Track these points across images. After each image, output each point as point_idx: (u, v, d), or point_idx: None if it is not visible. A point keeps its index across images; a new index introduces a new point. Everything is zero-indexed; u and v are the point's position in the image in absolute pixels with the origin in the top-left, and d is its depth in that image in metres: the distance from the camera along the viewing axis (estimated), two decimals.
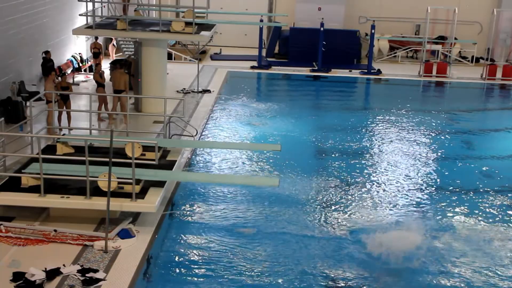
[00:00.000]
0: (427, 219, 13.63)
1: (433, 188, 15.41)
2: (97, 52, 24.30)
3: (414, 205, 14.36)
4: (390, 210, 14.06)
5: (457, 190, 15.29)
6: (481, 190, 15.36)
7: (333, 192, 14.83)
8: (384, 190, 15.16)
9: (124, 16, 19.32)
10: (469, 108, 23.99)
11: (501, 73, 27.53)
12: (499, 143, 19.67)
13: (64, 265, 10.49)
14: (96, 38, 24.52)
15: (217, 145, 17.45)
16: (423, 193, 15.09)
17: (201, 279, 10.94)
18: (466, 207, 14.28)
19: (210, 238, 12.32)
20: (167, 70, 20.59)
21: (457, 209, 14.16)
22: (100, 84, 18.90)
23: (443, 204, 14.45)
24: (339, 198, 14.53)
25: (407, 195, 14.96)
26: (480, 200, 14.75)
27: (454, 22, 28.10)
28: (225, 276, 11.00)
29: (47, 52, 20.50)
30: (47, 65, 20.16)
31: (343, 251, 12.04)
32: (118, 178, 11.61)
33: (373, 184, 15.53)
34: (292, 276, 11.11)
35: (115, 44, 26.51)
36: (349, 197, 14.62)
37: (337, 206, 14.06)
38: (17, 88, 18.46)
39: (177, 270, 11.20)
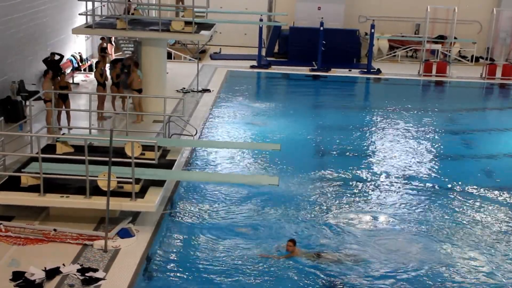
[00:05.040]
0: (427, 218, 13.63)
1: (433, 187, 15.41)
2: (104, 48, 24.16)
3: (414, 205, 14.35)
4: (390, 209, 14.05)
5: (457, 189, 15.28)
6: (481, 189, 15.32)
7: (332, 192, 14.83)
8: (383, 190, 15.16)
9: (123, 16, 19.32)
10: (468, 107, 23.99)
11: (501, 72, 27.54)
12: (499, 142, 19.68)
13: (63, 264, 10.50)
14: (103, 38, 24.37)
15: (216, 145, 17.45)
16: (422, 193, 15.08)
17: (201, 279, 10.93)
18: (466, 207, 14.27)
19: (209, 237, 12.32)
20: (166, 70, 20.60)
21: (457, 208, 14.16)
22: (100, 83, 18.89)
23: (443, 203, 14.44)
24: (338, 198, 14.52)
25: (406, 194, 14.95)
26: (480, 199, 14.73)
27: (454, 22, 28.12)
28: (225, 276, 11.00)
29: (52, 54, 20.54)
30: (52, 64, 20.08)
31: (343, 251, 12.04)
32: (117, 177, 11.62)
33: (373, 183, 15.52)
34: (292, 276, 11.12)
35: (113, 42, 26.46)
36: (349, 196, 14.62)
37: (336, 206, 14.06)
38: (17, 88, 18.47)
39: (177, 270, 11.20)
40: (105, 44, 24.03)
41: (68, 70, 23.09)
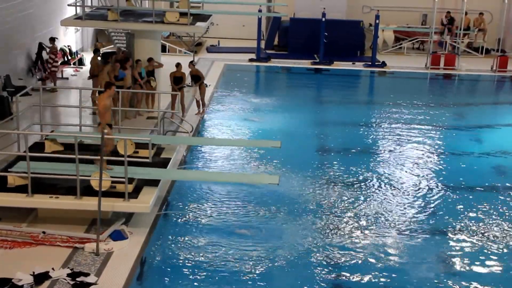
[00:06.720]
0: (436, 218, 13.63)
1: (442, 186, 15.40)
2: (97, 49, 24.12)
3: (421, 204, 14.36)
4: (396, 209, 14.05)
5: (467, 187, 15.30)
6: (493, 187, 15.37)
7: (335, 191, 14.82)
8: (389, 188, 15.16)
9: (115, 7, 19.30)
10: (478, 102, 24.00)
11: None
12: (511, 138, 19.69)
13: (53, 268, 10.49)
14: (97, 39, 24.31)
15: (213, 142, 17.45)
16: (431, 192, 15.07)
17: (197, 282, 10.93)
18: (477, 206, 14.27)
19: (206, 239, 12.33)
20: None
21: (467, 208, 14.15)
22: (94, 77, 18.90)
23: (452, 202, 14.45)
24: (341, 197, 14.52)
25: (413, 193, 14.95)
26: (492, 198, 14.75)
27: (463, 11, 28.10)
28: (222, 279, 11.00)
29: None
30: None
31: (345, 252, 12.04)
32: (110, 176, 11.61)
33: (378, 182, 15.51)
34: (291, 278, 11.13)
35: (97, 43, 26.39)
36: (352, 196, 14.61)
37: (339, 206, 14.06)
38: (3, 83, 18.44)
39: (172, 273, 11.21)
40: (98, 44, 24.02)
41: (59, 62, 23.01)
